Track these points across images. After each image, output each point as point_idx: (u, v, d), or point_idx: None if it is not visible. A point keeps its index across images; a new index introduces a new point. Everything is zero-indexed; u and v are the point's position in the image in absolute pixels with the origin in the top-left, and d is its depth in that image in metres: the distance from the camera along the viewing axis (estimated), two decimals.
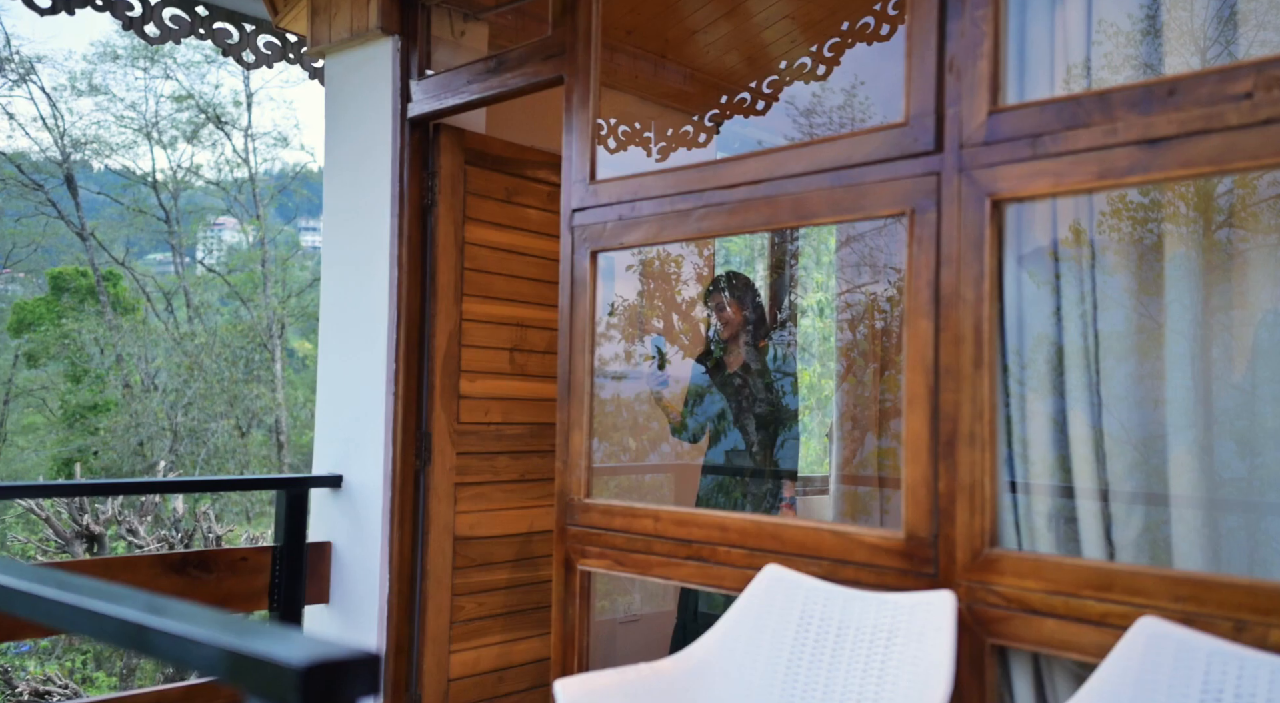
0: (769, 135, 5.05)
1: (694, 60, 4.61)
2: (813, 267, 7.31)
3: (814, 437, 6.58)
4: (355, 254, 3.37)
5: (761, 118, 5.04)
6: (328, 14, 3.38)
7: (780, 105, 5.04)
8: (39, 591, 1.16)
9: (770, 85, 5.02)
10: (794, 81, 4.99)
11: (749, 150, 5.22)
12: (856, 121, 4.82)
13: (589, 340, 2.69)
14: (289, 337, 22.62)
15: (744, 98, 5.00)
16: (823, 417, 6.61)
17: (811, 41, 4.79)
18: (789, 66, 4.98)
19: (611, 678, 2.04)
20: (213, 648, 0.97)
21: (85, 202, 22.55)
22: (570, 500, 2.67)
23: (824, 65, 4.80)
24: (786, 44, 4.76)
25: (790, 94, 5.04)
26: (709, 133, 5.08)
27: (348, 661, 0.90)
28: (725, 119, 5.06)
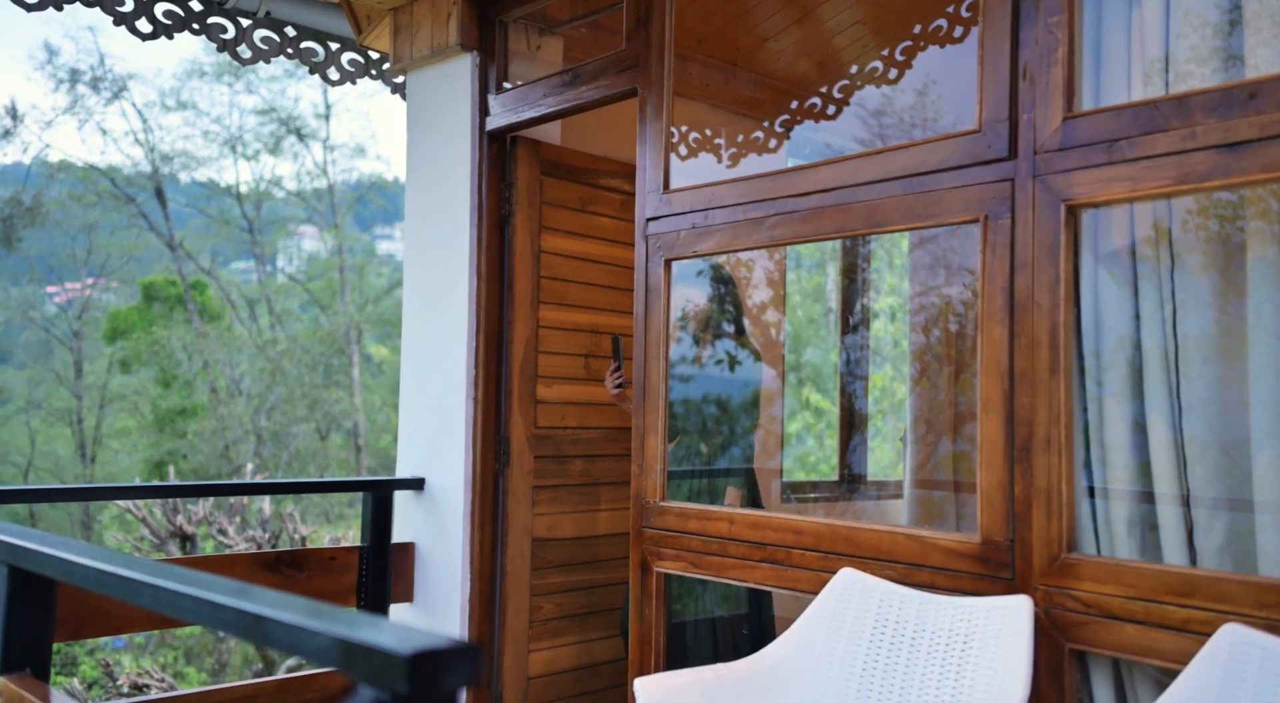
0: (840, 140, 5.05)
1: (764, 67, 4.64)
2: (885, 269, 7.27)
3: (887, 441, 6.54)
4: (436, 263, 3.48)
5: (832, 122, 5.04)
6: (409, 32, 3.50)
7: (851, 109, 5.03)
8: (166, 584, 1.26)
9: (841, 90, 5.02)
10: (865, 86, 4.98)
11: (819, 155, 5.23)
12: (929, 124, 4.80)
13: (663, 346, 2.75)
14: (366, 342, 23.15)
15: (814, 103, 5.00)
16: (896, 421, 6.57)
17: (882, 45, 4.78)
18: (860, 71, 4.97)
19: (690, 677, 2.09)
20: (326, 638, 1.05)
21: (174, 213, 23.40)
22: (646, 503, 2.72)
23: (895, 69, 4.78)
24: (857, 49, 4.75)
25: (861, 98, 5.03)
26: (779, 138, 5.10)
27: (451, 650, 0.97)
28: (796, 124, 5.08)
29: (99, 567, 1.42)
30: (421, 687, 0.95)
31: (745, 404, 3.85)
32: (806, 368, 6.19)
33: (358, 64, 4.14)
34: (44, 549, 1.58)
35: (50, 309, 25.61)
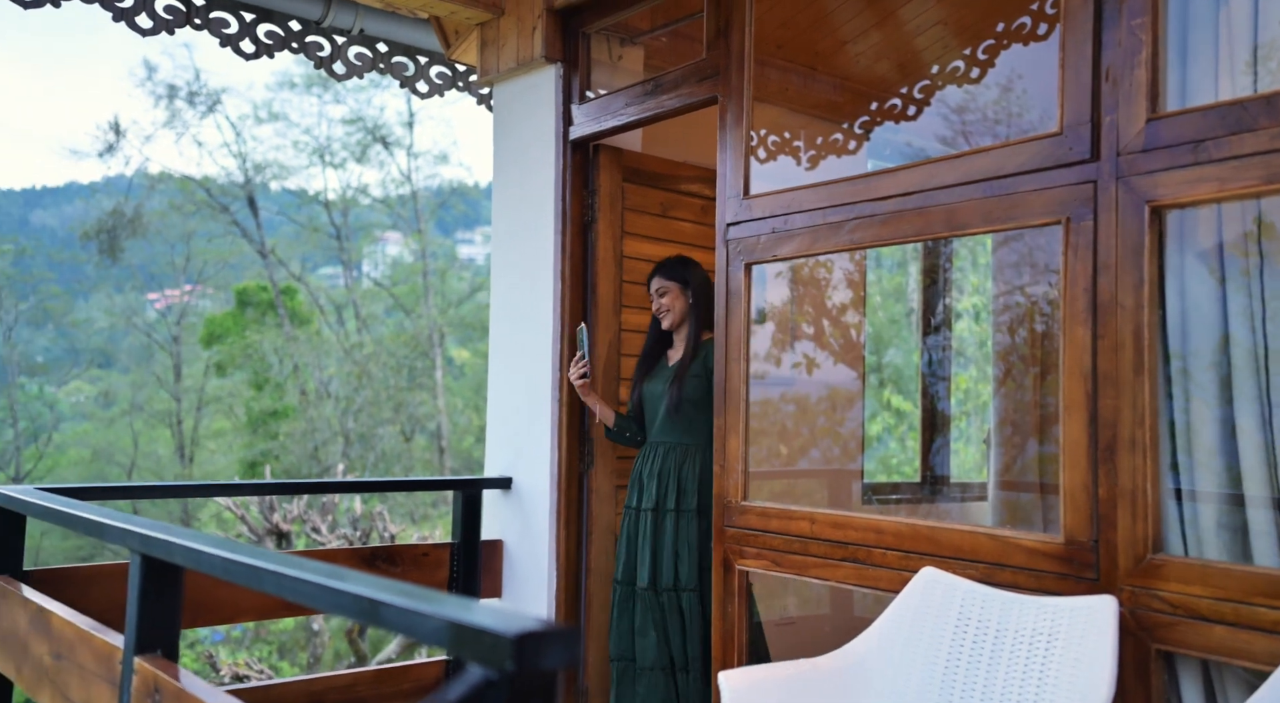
0: (921, 140, 5.02)
1: (844, 70, 4.65)
2: (969, 268, 7.18)
3: (971, 443, 6.46)
4: (522, 269, 3.58)
5: (913, 123, 5.01)
6: (496, 46, 3.62)
7: (932, 110, 5.00)
8: (288, 571, 1.36)
9: (922, 90, 4.99)
10: (946, 86, 4.95)
11: (899, 156, 5.21)
12: (1013, 122, 4.74)
13: (744, 349, 2.80)
14: (448, 345, 23.61)
15: (895, 104, 4.99)
16: (980, 422, 6.49)
17: (964, 45, 4.75)
18: (941, 71, 4.94)
19: (772, 672, 2.14)
20: (437, 621, 1.13)
21: (265, 221, 24.20)
22: (728, 503, 2.78)
23: (978, 68, 4.74)
24: (938, 49, 4.73)
25: (943, 98, 5.00)
26: (859, 140, 5.10)
27: (552, 632, 1.05)
28: (876, 126, 5.07)
29: (225, 556, 1.54)
30: (525, 666, 1.03)
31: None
32: (888, 369, 6.16)
33: (445, 77, 4.28)
34: (173, 539, 1.71)
35: (151, 315, 26.73)
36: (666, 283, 3.29)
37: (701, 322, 3.28)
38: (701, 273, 3.32)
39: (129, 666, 1.78)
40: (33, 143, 58.69)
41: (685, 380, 3.20)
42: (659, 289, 3.30)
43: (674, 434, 3.23)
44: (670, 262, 3.33)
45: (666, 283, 3.29)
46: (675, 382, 3.21)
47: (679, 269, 3.31)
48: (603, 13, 3.35)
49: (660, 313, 3.31)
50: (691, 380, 3.20)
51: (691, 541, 3.10)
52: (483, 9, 3.54)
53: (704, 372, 3.19)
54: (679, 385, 3.20)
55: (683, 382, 3.20)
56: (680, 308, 3.29)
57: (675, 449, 3.21)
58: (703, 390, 3.17)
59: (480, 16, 3.60)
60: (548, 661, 1.05)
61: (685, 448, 3.20)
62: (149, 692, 1.70)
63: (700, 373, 3.20)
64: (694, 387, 3.20)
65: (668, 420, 3.24)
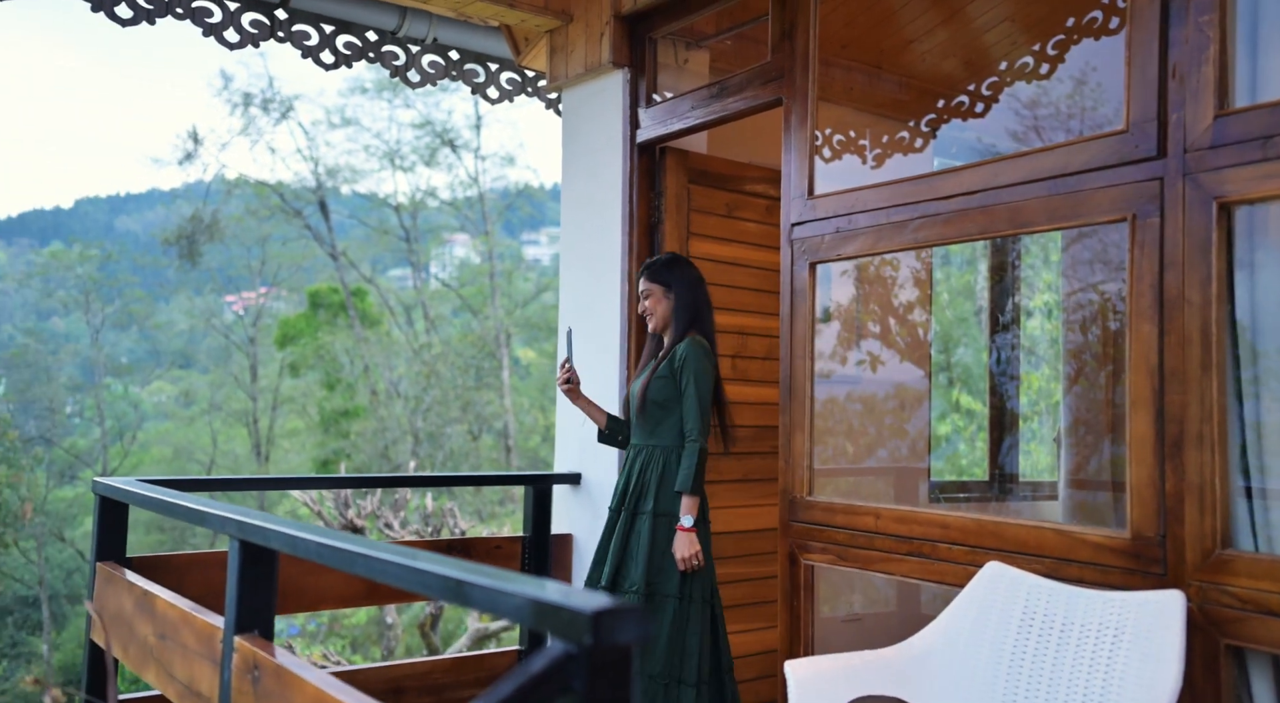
0: (989, 137, 4.99)
1: (909, 68, 4.65)
2: (1040, 265, 7.09)
3: (1041, 442, 6.39)
4: (589, 270, 3.67)
5: (981, 120, 4.98)
6: (565, 52, 3.71)
7: (1001, 106, 4.97)
8: (378, 554, 1.46)
9: (990, 87, 4.96)
10: (1015, 82, 4.91)
11: (966, 154, 5.17)
12: (1086, 116, 4.69)
13: (809, 347, 2.85)
14: (514, 345, 23.91)
15: (962, 101, 4.96)
16: (1051, 421, 6.40)
17: (1033, 41, 4.71)
18: (1009, 67, 4.90)
19: (838, 662, 2.19)
20: (521, 598, 1.21)
21: (336, 224, 24.74)
22: (794, 498, 2.82)
23: (1047, 63, 4.70)
24: (1006, 46, 4.70)
25: (1011, 94, 4.96)
26: (925, 137, 5.08)
27: (627, 610, 1.12)
28: (943, 123, 5.05)
29: (320, 541, 1.64)
30: (603, 639, 1.10)
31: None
32: (956, 367, 6.12)
33: (515, 82, 4.39)
34: (270, 526, 1.82)
35: (228, 317, 27.54)
36: (650, 285, 3.17)
37: (687, 323, 3.13)
38: (689, 274, 3.17)
39: (229, 644, 1.90)
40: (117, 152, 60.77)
41: (651, 382, 3.09)
42: (643, 291, 3.19)
43: (642, 436, 3.14)
44: (655, 262, 3.21)
45: (650, 285, 3.17)
46: (644, 382, 3.12)
47: (662, 271, 3.17)
48: (669, 18, 3.42)
49: (645, 315, 3.21)
50: (657, 382, 3.08)
51: (645, 543, 2.98)
52: (552, 17, 3.64)
53: (670, 374, 3.07)
54: (645, 387, 3.10)
55: (649, 384, 3.09)
56: (663, 311, 3.15)
57: (644, 451, 3.12)
58: (668, 392, 3.06)
59: (550, 24, 3.69)
60: (622, 635, 1.12)
61: (651, 449, 3.10)
62: (248, 669, 1.82)
63: (667, 375, 3.07)
64: (658, 389, 3.07)
65: (637, 422, 3.16)
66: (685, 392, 3.02)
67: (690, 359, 3.02)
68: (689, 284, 3.15)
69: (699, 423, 2.99)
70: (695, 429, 2.99)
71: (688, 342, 3.07)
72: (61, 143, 62.38)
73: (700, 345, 3.06)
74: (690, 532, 2.93)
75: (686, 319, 3.12)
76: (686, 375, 3.01)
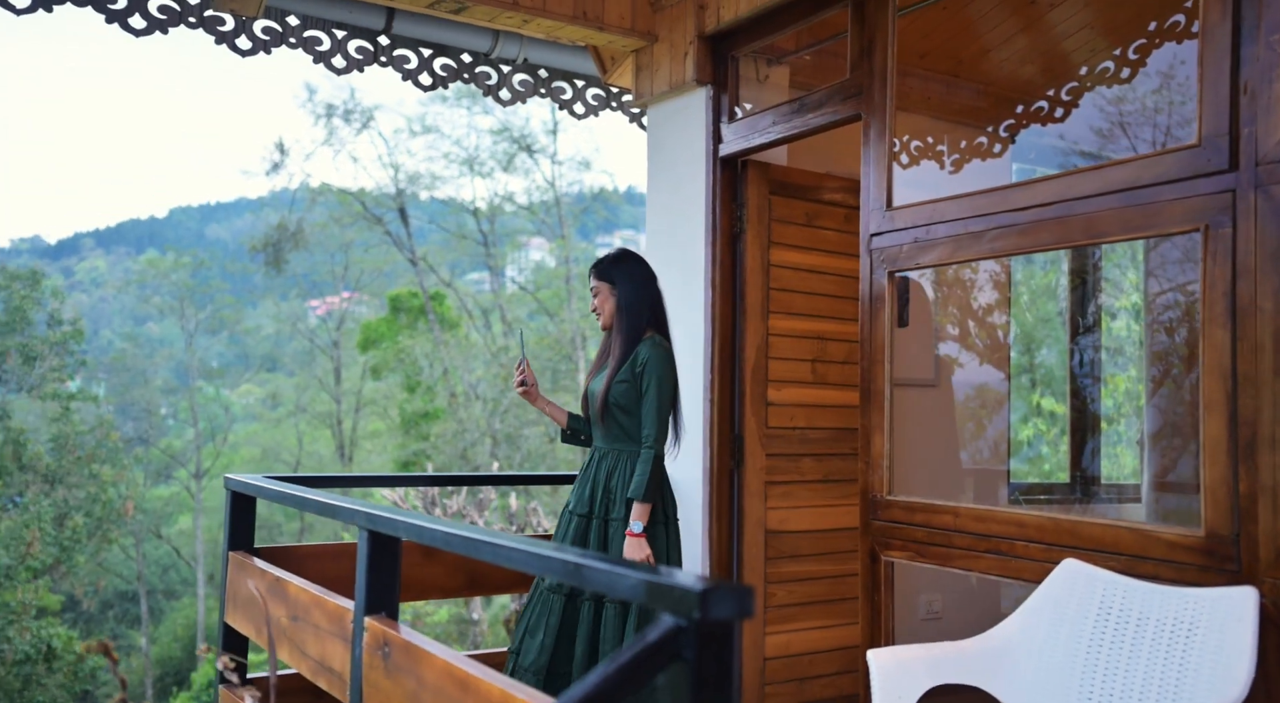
0: (1069, 142, 5.01)
1: (988, 75, 4.71)
2: (1127, 265, 7.02)
3: (1125, 444, 6.35)
4: (674, 278, 3.83)
5: (1061, 125, 5.01)
6: (650, 71, 3.88)
7: (1081, 111, 4.98)
8: (501, 542, 1.63)
9: (1070, 92, 4.98)
10: (1095, 87, 4.93)
11: (1045, 159, 5.19)
12: (1175, 112, 4.68)
13: (888, 352, 2.96)
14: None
15: (1041, 107, 5.00)
16: (1136, 424, 6.36)
17: (1114, 46, 4.72)
18: (1090, 72, 4.92)
19: (919, 652, 2.31)
20: (635, 579, 1.38)
21: (415, 230, 25.32)
22: (874, 497, 2.94)
23: (1128, 68, 4.71)
24: (1086, 52, 4.73)
25: (1091, 99, 4.97)
26: (1004, 143, 5.12)
27: (731, 588, 1.27)
28: (1022, 128, 5.08)
29: (446, 530, 1.83)
30: (709, 614, 1.26)
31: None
32: (1038, 370, 6.12)
33: (600, 98, 4.58)
34: (396, 517, 2.02)
35: (312, 321, 28.38)
36: (597, 283, 3.14)
37: (638, 322, 3.09)
38: (636, 271, 3.12)
39: (359, 624, 2.10)
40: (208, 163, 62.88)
41: (613, 386, 3.04)
42: (592, 288, 3.16)
43: (605, 439, 3.10)
44: (603, 259, 3.17)
45: (597, 283, 3.14)
46: (604, 386, 3.06)
47: (608, 268, 3.13)
48: (751, 38, 3.56)
49: (594, 312, 3.17)
50: (618, 386, 3.03)
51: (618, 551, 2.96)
52: (638, 37, 3.81)
53: (632, 377, 3.03)
54: (605, 390, 3.05)
55: (610, 387, 3.04)
56: (610, 308, 3.11)
57: (608, 455, 3.08)
58: (631, 396, 3.03)
59: (635, 44, 3.87)
60: (726, 611, 1.27)
61: (617, 454, 3.07)
62: (378, 645, 2.02)
63: (628, 378, 3.03)
64: (620, 392, 3.03)
65: (597, 425, 3.12)
66: (646, 395, 3.00)
67: (652, 363, 3.01)
68: (636, 281, 3.11)
69: (656, 429, 2.99)
70: (652, 436, 2.98)
71: (649, 344, 3.05)
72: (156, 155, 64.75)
73: (662, 348, 3.05)
74: (639, 537, 2.91)
75: (634, 317, 3.08)
76: (649, 379, 3.00)
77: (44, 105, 67.98)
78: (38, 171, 69.29)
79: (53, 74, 72.06)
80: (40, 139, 70.33)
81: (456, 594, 3.56)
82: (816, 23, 3.39)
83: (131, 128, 61.62)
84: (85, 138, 68.88)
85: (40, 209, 67.91)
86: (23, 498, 14.60)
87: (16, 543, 13.27)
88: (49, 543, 13.91)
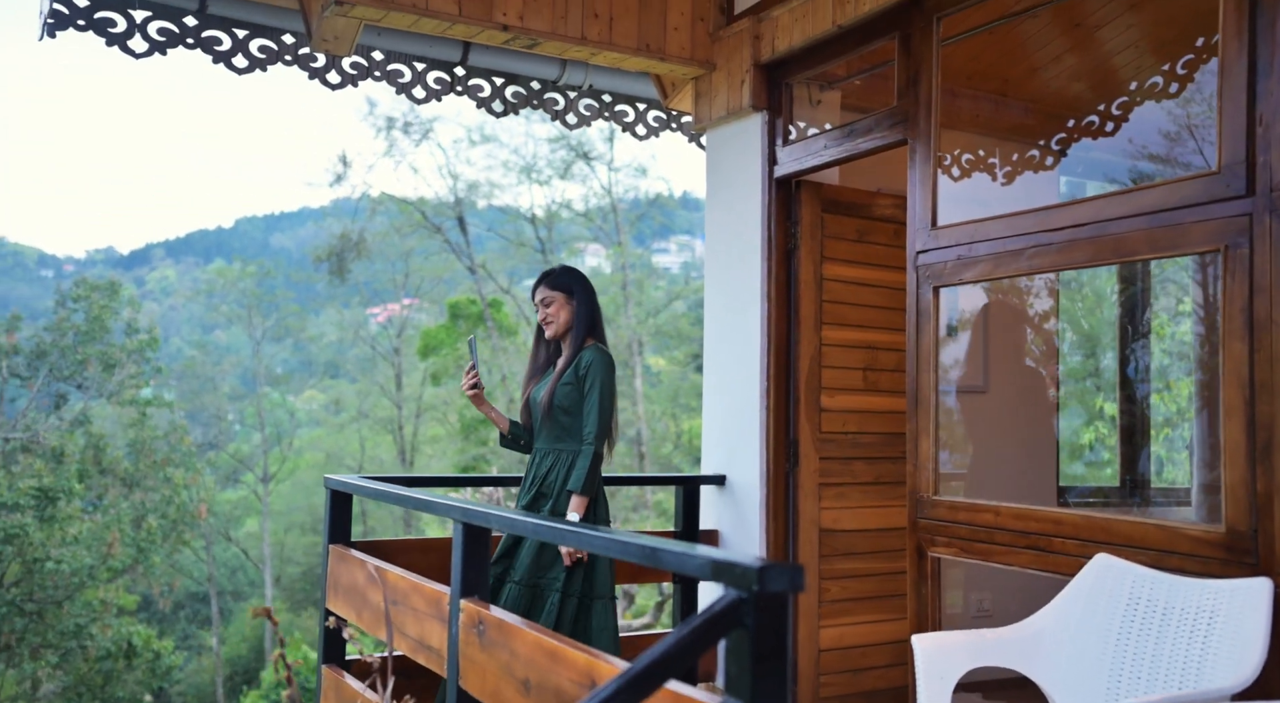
0: (1117, 156, 5.13)
1: (1035, 93, 4.86)
2: (1179, 272, 7.08)
3: (1174, 448, 6.42)
4: (733, 293, 4.07)
5: (1110, 139, 5.13)
6: (708, 97, 4.13)
7: (1130, 125, 5.10)
8: (584, 530, 1.89)
9: (1120, 107, 5.10)
10: (1144, 101, 5.05)
11: (1093, 172, 5.31)
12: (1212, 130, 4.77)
13: (933, 361, 3.17)
14: (646, 354, 24.39)
15: (1092, 121, 5.13)
16: (1186, 429, 6.44)
17: (1163, 61, 4.85)
18: (1139, 87, 5.05)
19: (961, 637, 2.52)
20: (703, 559, 1.62)
21: (473, 238, 25.74)
22: (920, 497, 3.15)
23: (1176, 83, 4.83)
24: (1134, 68, 4.86)
25: (1140, 114, 5.08)
26: (1055, 156, 5.26)
27: (783, 566, 1.51)
28: (1073, 142, 5.22)
29: (535, 521, 2.09)
30: (765, 588, 1.50)
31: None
32: (1088, 376, 6.23)
33: (660, 120, 4.84)
34: (488, 511, 2.29)
35: (373, 328, 28.99)
36: (551, 293, 3.31)
37: (586, 330, 3.30)
38: (586, 282, 3.35)
39: (455, 606, 2.37)
40: (272, 173, 64.48)
41: (557, 388, 3.23)
42: (544, 299, 3.32)
43: (548, 440, 3.28)
44: (555, 271, 3.35)
45: (551, 293, 3.31)
46: (549, 389, 3.25)
47: (564, 278, 3.33)
48: (804, 66, 3.79)
49: (545, 322, 3.33)
50: (563, 388, 3.22)
51: (533, 540, 3.13)
52: (697, 66, 4.06)
53: (575, 380, 3.22)
54: (551, 393, 3.23)
55: (554, 390, 3.23)
56: (566, 317, 3.30)
57: (549, 454, 3.25)
58: (574, 398, 3.21)
59: (695, 72, 4.12)
60: (780, 585, 1.51)
61: (557, 453, 3.24)
62: (473, 624, 2.29)
63: (572, 381, 3.22)
64: (564, 395, 3.22)
65: (542, 426, 3.29)
66: (589, 397, 3.18)
67: (595, 366, 3.21)
68: (588, 292, 3.33)
69: (597, 428, 3.16)
70: (593, 433, 3.15)
71: (592, 349, 3.26)
72: (223, 167, 66.57)
73: (605, 353, 3.26)
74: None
75: (584, 325, 3.29)
76: (591, 381, 3.19)
77: (118, 122, 70.43)
78: (111, 184, 71.74)
79: (123, 93, 74.57)
80: (114, 152, 72.86)
81: None
82: (866, 51, 3.60)
83: (199, 140, 63.52)
84: (156, 151, 71.21)
85: (113, 220, 70.31)
86: (103, 501, 15.15)
87: (98, 544, 13.80)
88: (128, 544, 14.44)
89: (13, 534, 12.02)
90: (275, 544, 24.91)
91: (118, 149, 71.53)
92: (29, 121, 71.19)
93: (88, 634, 12.83)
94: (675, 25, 3.99)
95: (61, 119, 71.28)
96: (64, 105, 68.24)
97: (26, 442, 15.20)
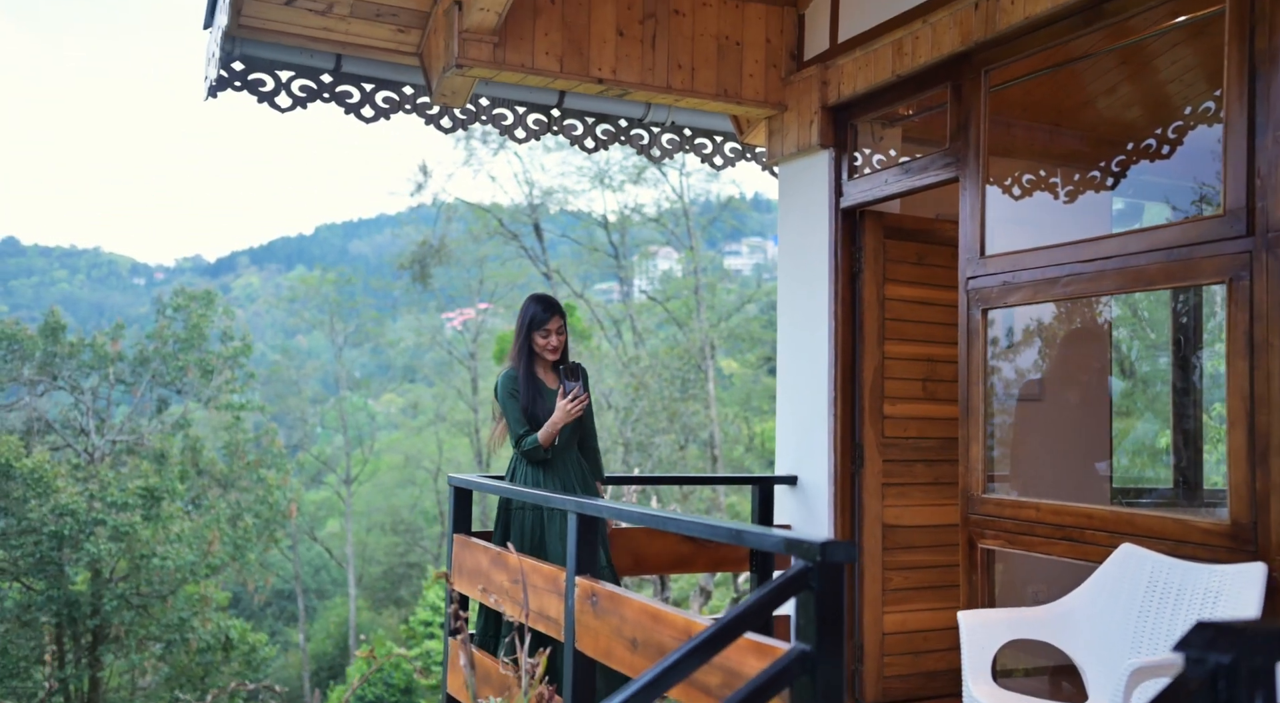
0: (1173, 179, 5.36)
1: (1089, 122, 5.18)
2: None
3: (1223, 456, 6.62)
4: (802, 311, 4.50)
5: (1166, 162, 5.38)
6: (780, 134, 4.58)
7: (1185, 149, 5.34)
8: (682, 517, 2.36)
9: (1175, 131, 5.35)
10: (1198, 125, 5.30)
11: (1148, 194, 5.57)
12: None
13: (982, 374, 3.57)
14: (718, 357, 24.69)
15: (1149, 144, 5.39)
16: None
17: (1217, 87, 5.10)
18: (1194, 111, 5.30)
19: (1001, 614, 2.93)
20: (778, 538, 2.09)
21: (548, 243, 26.28)
22: (971, 495, 3.55)
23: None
24: (1188, 94, 5.13)
25: (1195, 138, 5.33)
26: (1115, 177, 5.53)
27: (840, 542, 1.97)
28: (1131, 165, 5.48)
29: (638, 510, 2.57)
30: (826, 558, 1.95)
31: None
32: (1140, 384, 6.48)
33: (736, 151, 5.29)
34: (599, 503, 2.77)
35: (449, 333, 29.75)
36: (562, 322, 3.88)
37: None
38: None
39: (570, 582, 2.87)
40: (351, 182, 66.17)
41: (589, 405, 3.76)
42: (558, 327, 3.85)
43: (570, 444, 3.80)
44: (559, 303, 3.91)
45: (562, 322, 3.88)
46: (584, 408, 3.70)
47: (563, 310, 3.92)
48: (867, 109, 4.22)
49: (554, 349, 3.82)
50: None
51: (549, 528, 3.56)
52: (770, 107, 4.51)
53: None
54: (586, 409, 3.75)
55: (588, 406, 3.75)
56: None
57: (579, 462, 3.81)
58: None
59: (768, 113, 4.57)
60: (839, 556, 1.97)
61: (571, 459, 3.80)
62: (587, 596, 2.78)
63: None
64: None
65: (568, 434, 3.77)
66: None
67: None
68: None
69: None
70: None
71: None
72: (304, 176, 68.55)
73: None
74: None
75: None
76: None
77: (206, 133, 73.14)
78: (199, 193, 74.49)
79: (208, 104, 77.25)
80: (203, 164, 75.69)
81: (680, 569, 4.29)
82: (922, 98, 4.02)
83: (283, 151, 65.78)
84: (242, 161, 73.86)
85: (201, 229, 73.05)
86: (203, 501, 15.91)
87: (199, 542, 14.53)
88: (225, 542, 15.17)
89: (123, 532, 12.68)
90: (357, 544, 25.81)
91: (207, 160, 74.40)
92: (130, 141, 74.48)
93: (190, 627, 13.50)
94: (750, 72, 4.45)
95: (153, 134, 74.42)
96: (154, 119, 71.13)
97: (132, 444, 16.12)
